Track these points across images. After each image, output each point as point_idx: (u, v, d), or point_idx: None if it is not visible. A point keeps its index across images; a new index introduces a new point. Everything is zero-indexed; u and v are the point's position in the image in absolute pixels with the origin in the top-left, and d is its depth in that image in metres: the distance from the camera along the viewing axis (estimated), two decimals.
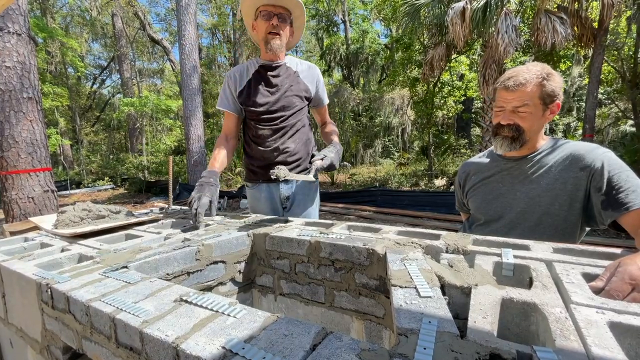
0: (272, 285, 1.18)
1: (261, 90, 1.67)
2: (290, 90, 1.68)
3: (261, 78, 1.68)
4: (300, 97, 1.71)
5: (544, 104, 1.12)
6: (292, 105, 1.68)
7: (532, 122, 1.14)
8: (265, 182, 1.73)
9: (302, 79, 1.73)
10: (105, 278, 0.81)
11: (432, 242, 0.95)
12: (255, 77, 1.68)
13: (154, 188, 11.60)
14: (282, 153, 1.68)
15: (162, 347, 0.54)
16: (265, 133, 1.68)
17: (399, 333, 0.52)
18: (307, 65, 1.78)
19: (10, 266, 0.95)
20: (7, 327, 1.04)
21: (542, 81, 1.10)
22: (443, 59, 7.65)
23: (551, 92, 1.11)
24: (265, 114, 1.66)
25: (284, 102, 1.67)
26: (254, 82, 1.68)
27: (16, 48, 3.89)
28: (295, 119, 1.70)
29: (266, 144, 1.68)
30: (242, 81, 1.69)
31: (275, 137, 1.68)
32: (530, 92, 1.11)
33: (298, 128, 1.72)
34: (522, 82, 1.11)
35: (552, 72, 1.12)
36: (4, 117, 3.84)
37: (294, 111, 1.69)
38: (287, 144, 1.68)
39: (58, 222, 1.38)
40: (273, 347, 0.50)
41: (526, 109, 1.12)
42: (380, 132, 15.09)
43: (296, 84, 1.70)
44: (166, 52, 16.79)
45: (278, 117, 1.67)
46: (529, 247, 0.89)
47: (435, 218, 5.84)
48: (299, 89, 1.71)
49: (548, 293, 0.63)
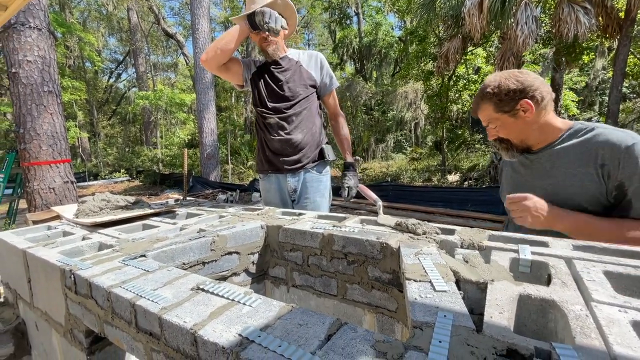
0: (284, 277, 1.20)
1: (267, 80, 1.74)
2: (294, 81, 1.73)
3: (266, 71, 1.75)
4: (304, 85, 1.74)
5: (505, 112, 1.11)
6: (297, 94, 1.72)
7: (509, 130, 1.16)
8: (274, 172, 1.77)
9: (305, 67, 1.77)
10: (124, 266, 0.84)
11: (447, 237, 0.94)
12: (261, 70, 1.77)
13: (168, 180, 11.84)
14: (288, 144, 1.71)
15: (181, 333, 0.56)
16: (271, 122, 1.73)
17: (414, 326, 0.52)
18: (309, 54, 1.82)
19: (36, 253, 0.99)
20: (32, 310, 1.09)
21: (490, 98, 1.12)
22: (459, 52, 7.48)
23: (507, 98, 1.09)
24: (271, 103, 1.72)
25: (288, 92, 1.71)
26: (259, 73, 1.76)
27: (37, 43, 4.00)
28: (301, 108, 1.73)
29: (273, 133, 1.73)
30: (250, 69, 1.79)
31: (281, 126, 1.72)
32: (485, 113, 1.17)
33: (304, 117, 1.74)
34: (475, 109, 1.21)
35: (501, 80, 1.11)
36: (26, 110, 3.96)
37: (298, 99, 1.72)
38: (293, 134, 1.71)
39: (79, 212, 1.43)
40: (288, 336, 0.50)
41: (494, 125, 1.18)
42: (393, 126, 14.92)
43: (299, 74, 1.75)
44: (180, 46, 16.95)
45: (283, 107, 1.71)
46: (548, 244, 0.87)
47: (447, 214, 5.76)
48: (302, 77, 1.75)
49: (568, 290, 0.62)
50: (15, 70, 3.90)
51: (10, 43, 3.88)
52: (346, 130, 1.88)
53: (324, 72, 1.81)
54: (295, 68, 1.75)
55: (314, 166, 1.78)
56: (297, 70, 1.75)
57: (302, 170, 1.75)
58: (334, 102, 1.90)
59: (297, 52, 1.82)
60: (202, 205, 1.69)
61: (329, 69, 1.83)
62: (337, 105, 1.90)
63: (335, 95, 1.91)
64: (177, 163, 14.64)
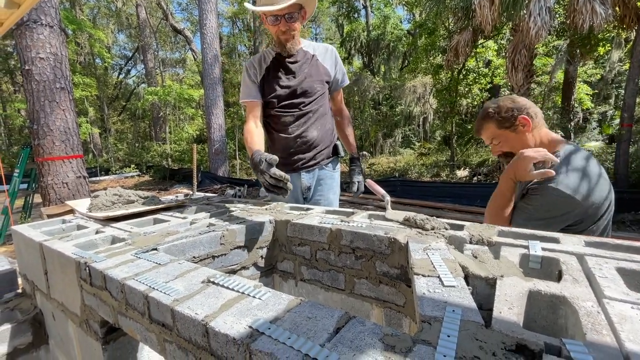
0: (293, 271, 1.21)
1: (281, 77, 1.64)
2: (310, 76, 1.65)
3: (280, 65, 1.65)
4: (321, 81, 1.67)
5: (506, 127, 1.27)
6: (314, 91, 1.65)
7: (512, 144, 1.28)
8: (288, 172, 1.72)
9: (322, 62, 1.68)
10: (137, 259, 0.86)
11: (456, 232, 0.93)
12: (273, 64, 1.66)
13: (177, 175, 11.99)
14: (304, 141, 1.67)
15: (193, 325, 0.57)
16: (287, 120, 1.66)
17: (422, 320, 0.52)
18: (324, 47, 1.73)
19: (51, 245, 1.02)
20: (49, 301, 1.13)
21: (492, 117, 1.28)
22: (469, 45, 7.34)
23: (507, 116, 1.25)
24: (286, 99, 1.64)
25: (305, 88, 1.64)
26: (272, 70, 1.65)
27: (49, 40, 4.07)
28: (317, 105, 1.68)
29: (288, 130, 1.67)
30: (262, 69, 1.67)
31: (297, 123, 1.66)
32: (489, 132, 1.31)
33: (320, 114, 1.69)
34: (479, 130, 1.36)
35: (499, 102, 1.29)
36: (40, 107, 4.05)
37: (315, 97, 1.66)
38: (309, 132, 1.67)
39: (92, 206, 1.46)
40: (297, 328, 0.51)
41: (497, 141, 1.31)
42: (401, 121, 14.77)
43: (315, 68, 1.66)
44: (188, 41, 17.04)
45: (299, 103, 1.65)
46: (559, 240, 0.86)
47: (456, 210, 5.71)
48: (319, 72, 1.66)
49: (579, 287, 0.61)
50: (29, 67, 3.98)
51: (23, 40, 3.96)
52: (351, 127, 1.88)
53: (338, 67, 1.74)
54: (312, 62, 1.66)
55: (328, 162, 1.76)
56: (314, 65, 1.66)
57: (317, 167, 1.73)
58: (342, 98, 1.86)
59: (311, 45, 1.71)
60: (211, 200, 1.72)
61: (342, 65, 1.76)
62: (343, 101, 1.87)
63: (342, 95, 1.89)
64: (185, 158, 14.80)
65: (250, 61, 1.70)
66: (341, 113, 1.86)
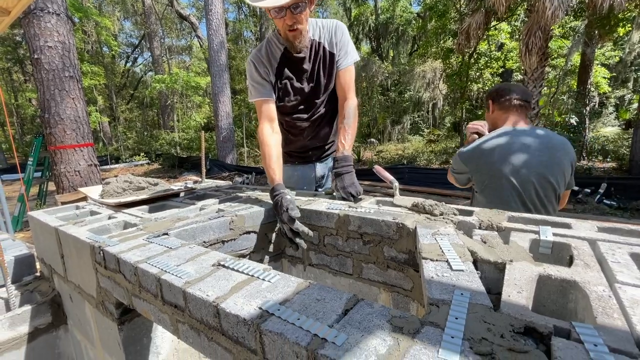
0: (301, 256, 1.22)
1: (293, 80, 1.49)
2: (321, 71, 1.48)
3: (291, 63, 1.47)
4: (331, 74, 1.50)
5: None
6: (327, 88, 1.52)
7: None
8: (301, 163, 1.71)
9: (327, 48, 1.48)
10: (149, 243, 0.88)
11: (465, 218, 0.93)
12: (284, 63, 1.48)
13: (186, 163, 12.10)
14: (318, 139, 1.63)
15: (204, 306, 0.59)
16: (303, 125, 1.57)
17: (430, 303, 0.53)
18: (328, 27, 1.49)
19: (67, 230, 1.05)
20: (66, 284, 1.17)
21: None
22: (481, 27, 7.09)
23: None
24: (301, 104, 1.53)
25: (318, 88, 1.50)
26: (284, 70, 1.48)
27: (56, 28, 4.07)
28: (330, 101, 1.56)
29: (304, 134, 1.60)
30: (273, 67, 1.49)
31: (312, 126, 1.58)
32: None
33: (333, 109, 1.58)
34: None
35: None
36: (50, 96, 4.09)
37: (327, 93, 1.53)
38: (322, 130, 1.61)
39: (104, 193, 1.49)
40: (307, 310, 0.52)
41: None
42: (410, 107, 14.53)
43: (324, 60, 1.48)
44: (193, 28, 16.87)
45: (313, 106, 1.53)
46: (570, 226, 0.84)
47: (465, 197, 5.66)
48: (327, 62, 1.48)
49: (590, 271, 0.60)
50: (38, 56, 4.00)
51: (31, 29, 3.97)
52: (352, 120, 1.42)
53: (340, 45, 1.48)
54: (319, 53, 1.46)
55: None
56: (321, 56, 1.47)
57: (330, 157, 1.69)
58: (347, 80, 1.49)
59: (317, 26, 1.48)
60: (220, 187, 1.73)
61: (344, 41, 1.48)
62: (350, 86, 1.49)
63: (352, 73, 1.51)
64: (194, 146, 14.90)
65: (258, 56, 1.49)
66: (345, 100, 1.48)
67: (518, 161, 1.35)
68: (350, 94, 1.48)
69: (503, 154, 1.37)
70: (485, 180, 1.42)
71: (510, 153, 1.36)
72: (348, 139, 1.38)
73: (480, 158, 1.42)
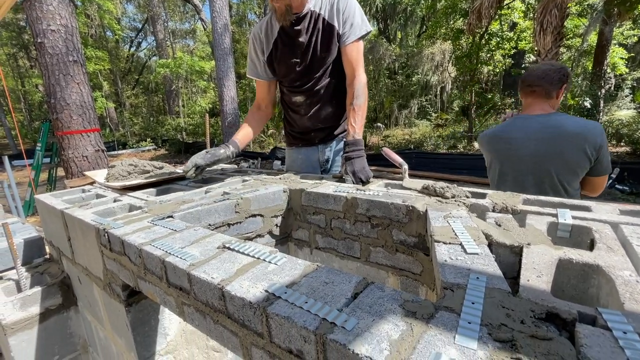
0: (307, 239, 1.21)
1: (288, 54, 1.45)
2: (319, 46, 1.41)
3: (287, 37, 1.43)
4: (329, 48, 1.42)
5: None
6: (324, 63, 1.45)
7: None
8: (305, 146, 1.67)
9: (328, 20, 1.38)
10: (153, 226, 0.86)
11: (478, 200, 0.89)
12: (280, 37, 1.45)
13: (192, 149, 12.14)
14: (319, 120, 1.57)
15: (209, 288, 0.57)
16: (299, 100, 1.54)
17: (444, 287, 0.50)
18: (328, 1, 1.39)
19: (72, 213, 1.04)
20: (74, 266, 1.18)
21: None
22: (493, 6, 6.81)
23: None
24: (297, 80, 1.49)
25: (315, 62, 1.44)
26: (280, 45, 1.45)
27: (58, 11, 4.00)
28: (330, 77, 1.49)
29: (302, 111, 1.57)
30: (269, 43, 1.48)
31: (310, 103, 1.53)
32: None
33: (334, 86, 1.52)
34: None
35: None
36: (55, 81, 4.07)
37: (325, 68, 1.46)
38: (323, 110, 1.54)
39: (109, 176, 1.48)
40: (314, 293, 0.50)
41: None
42: (417, 91, 14.21)
43: (323, 33, 1.40)
44: (197, 10, 16.52)
45: (310, 80, 1.48)
46: (590, 208, 0.81)
47: (472, 182, 5.59)
48: (326, 36, 1.40)
49: (614, 255, 0.57)
50: (41, 40, 3.96)
51: (34, 12, 3.91)
52: (362, 100, 1.35)
53: (344, 17, 1.36)
54: (318, 26, 1.39)
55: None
56: (320, 29, 1.39)
57: (335, 140, 1.63)
58: (354, 56, 1.38)
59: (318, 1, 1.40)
60: (225, 170, 1.71)
61: (349, 12, 1.36)
62: (358, 62, 1.39)
63: (359, 49, 1.40)
64: (199, 132, 14.89)
65: (257, 30, 1.49)
66: (352, 79, 1.40)
67: (512, 150, 1.43)
68: (358, 70, 1.39)
69: (501, 142, 1.47)
70: (489, 163, 1.58)
71: (507, 141, 1.45)
72: (358, 120, 1.33)
73: (488, 143, 1.55)
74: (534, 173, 1.38)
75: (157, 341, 0.95)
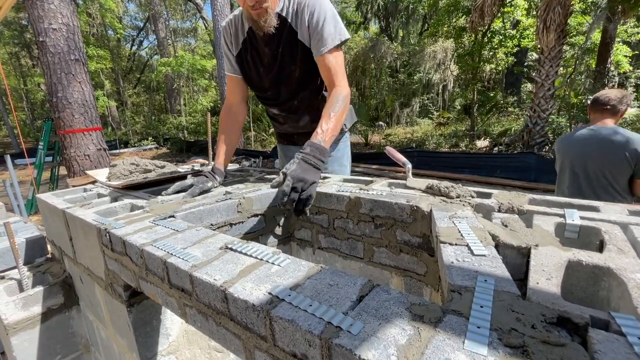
0: (310, 239, 1.20)
1: (256, 64, 1.34)
2: (287, 56, 1.27)
3: (255, 43, 1.31)
4: (295, 59, 1.28)
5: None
6: (293, 74, 1.31)
7: None
8: (290, 144, 1.69)
9: (295, 28, 1.24)
10: (155, 226, 0.85)
11: (483, 200, 0.88)
12: (249, 39, 1.32)
13: (194, 147, 12.14)
14: (299, 128, 1.54)
15: (211, 290, 0.56)
16: (274, 112, 1.51)
17: (452, 290, 0.49)
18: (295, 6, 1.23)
19: (74, 212, 1.04)
20: (76, 266, 1.17)
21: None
22: (496, 3, 6.77)
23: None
24: (268, 91, 1.40)
25: (283, 73, 1.32)
26: (249, 48, 1.33)
27: (60, 9, 4.00)
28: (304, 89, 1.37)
29: (280, 119, 1.54)
30: (238, 42, 1.35)
31: (285, 114, 1.49)
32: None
33: (307, 97, 1.40)
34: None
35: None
36: (57, 79, 4.07)
37: (299, 81, 1.33)
38: (301, 120, 1.48)
39: (110, 175, 1.47)
40: (319, 295, 0.49)
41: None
42: (419, 89, 14.16)
43: (289, 43, 1.26)
44: (198, 9, 16.51)
45: (281, 93, 1.39)
46: (598, 209, 0.79)
47: (475, 181, 5.57)
48: (293, 46, 1.26)
49: (626, 257, 0.56)
50: (43, 39, 3.96)
51: (35, 11, 3.91)
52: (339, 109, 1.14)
53: (311, 29, 1.20)
54: (286, 36, 1.24)
55: None
56: (288, 38, 1.24)
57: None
58: (330, 66, 1.20)
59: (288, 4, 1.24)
60: (227, 170, 1.70)
61: (319, 20, 1.18)
62: (335, 72, 1.21)
63: (338, 58, 1.22)
64: (201, 130, 14.90)
65: (227, 23, 1.36)
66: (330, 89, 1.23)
67: (573, 153, 1.87)
68: (337, 80, 1.20)
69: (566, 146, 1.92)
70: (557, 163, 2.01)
71: (570, 146, 1.90)
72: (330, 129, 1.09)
73: (558, 146, 2.00)
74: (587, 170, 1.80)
75: (159, 341, 0.95)
